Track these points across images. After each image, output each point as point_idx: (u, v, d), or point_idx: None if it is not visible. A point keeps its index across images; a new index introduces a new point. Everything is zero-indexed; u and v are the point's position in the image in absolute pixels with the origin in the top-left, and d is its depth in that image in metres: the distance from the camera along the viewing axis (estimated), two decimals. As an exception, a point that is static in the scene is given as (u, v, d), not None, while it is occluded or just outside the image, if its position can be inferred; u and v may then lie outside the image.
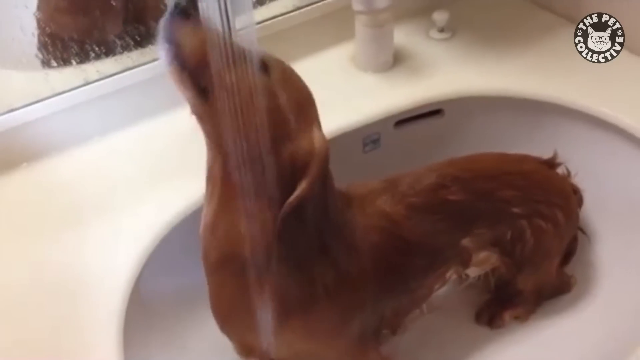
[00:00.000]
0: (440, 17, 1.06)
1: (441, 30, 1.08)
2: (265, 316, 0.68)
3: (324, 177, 0.64)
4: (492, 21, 1.11)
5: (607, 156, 0.95)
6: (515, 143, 0.99)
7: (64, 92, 0.89)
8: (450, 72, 1.01)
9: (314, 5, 1.02)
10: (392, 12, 0.98)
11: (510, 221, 0.82)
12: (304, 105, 0.64)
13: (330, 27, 1.04)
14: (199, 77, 0.59)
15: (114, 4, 0.91)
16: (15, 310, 0.74)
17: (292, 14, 1.01)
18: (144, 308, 0.79)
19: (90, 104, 0.90)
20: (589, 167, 0.92)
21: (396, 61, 1.03)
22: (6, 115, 0.86)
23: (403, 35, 1.07)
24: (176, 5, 0.59)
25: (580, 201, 0.91)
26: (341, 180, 0.76)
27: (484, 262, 0.84)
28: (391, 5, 0.96)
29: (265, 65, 0.61)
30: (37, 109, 0.88)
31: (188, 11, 0.59)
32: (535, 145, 0.99)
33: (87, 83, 0.90)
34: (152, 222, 0.81)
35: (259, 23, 0.97)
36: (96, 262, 0.77)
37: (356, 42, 1.01)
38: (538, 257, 0.85)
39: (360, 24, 0.99)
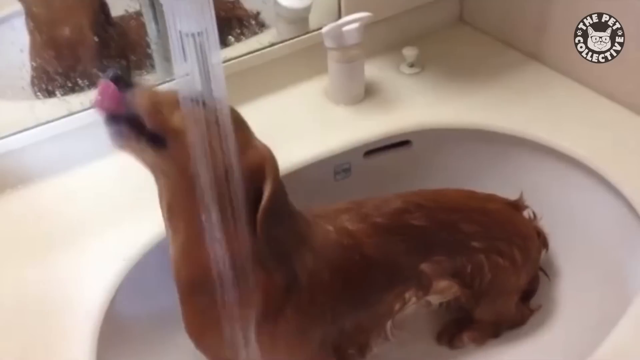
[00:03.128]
0: (410, 52, 1.11)
1: (411, 65, 1.12)
2: (238, 330, 0.73)
3: (279, 181, 0.70)
4: (460, 57, 1.16)
5: (566, 188, 0.98)
6: (479, 173, 1.04)
7: (48, 122, 0.92)
8: (418, 105, 1.06)
9: (288, 42, 1.07)
10: (362, 48, 1.02)
11: (469, 254, 0.85)
12: (239, 126, 0.69)
13: (304, 62, 1.09)
14: (159, 129, 0.65)
15: (96, 39, 0.96)
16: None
17: (267, 49, 1.05)
18: (118, 329, 0.81)
19: (73, 133, 0.94)
20: (546, 198, 0.96)
21: (367, 94, 1.08)
22: (-9, 144, 0.90)
23: (375, 70, 1.12)
24: (117, 79, 0.63)
25: (544, 243, 0.94)
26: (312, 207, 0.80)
27: (445, 290, 0.87)
28: (361, 42, 1.01)
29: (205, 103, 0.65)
30: (21, 138, 0.91)
31: (124, 79, 0.64)
32: (499, 176, 1.03)
33: (71, 114, 0.93)
34: (127, 247, 0.84)
35: (235, 59, 1.02)
36: (72, 285, 0.80)
37: (329, 77, 1.06)
38: (494, 292, 0.88)
39: (332, 60, 1.03)
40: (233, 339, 0.73)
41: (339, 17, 1.07)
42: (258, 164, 0.68)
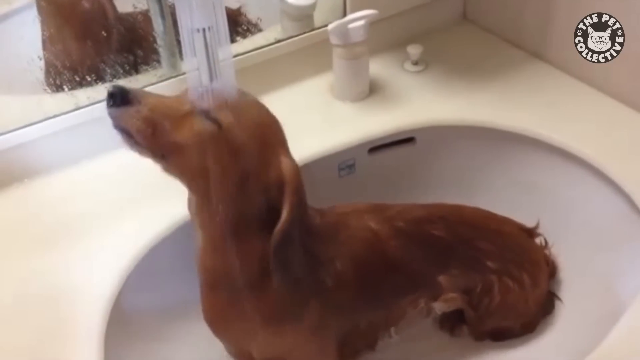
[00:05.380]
0: (414, 50, 1.12)
1: (415, 62, 1.13)
2: (259, 325, 0.74)
3: (301, 200, 0.69)
4: (463, 55, 1.17)
5: (569, 186, 0.99)
6: (482, 171, 1.05)
7: (55, 116, 0.93)
8: (422, 102, 1.06)
9: (294, 39, 1.07)
10: (367, 45, 1.03)
11: (482, 272, 0.86)
12: (266, 136, 0.68)
13: (310, 59, 1.09)
14: (154, 146, 0.66)
15: (104, 34, 0.96)
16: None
17: (273, 46, 1.06)
18: (125, 323, 0.82)
19: (80, 128, 0.95)
20: (548, 196, 0.97)
21: (372, 91, 1.08)
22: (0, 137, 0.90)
23: (379, 67, 1.12)
24: (111, 96, 0.66)
25: (553, 271, 0.95)
26: (317, 203, 0.80)
27: (450, 301, 0.88)
28: (366, 39, 1.02)
29: (213, 118, 0.65)
30: (29, 131, 0.92)
31: (125, 96, 0.65)
32: (502, 173, 1.04)
33: (78, 108, 0.94)
34: (135, 240, 0.84)
35: (242, 54, 1.03)
36: (79, 278, 0.81)
37: (334, 74, 1.07)
38: (501, 314, 0.89)
39: (337, 57, 1.04)
40: (253, 333, 0.74)
41: (344, 14, 1.08)
42: (277, 181, 0.67)
